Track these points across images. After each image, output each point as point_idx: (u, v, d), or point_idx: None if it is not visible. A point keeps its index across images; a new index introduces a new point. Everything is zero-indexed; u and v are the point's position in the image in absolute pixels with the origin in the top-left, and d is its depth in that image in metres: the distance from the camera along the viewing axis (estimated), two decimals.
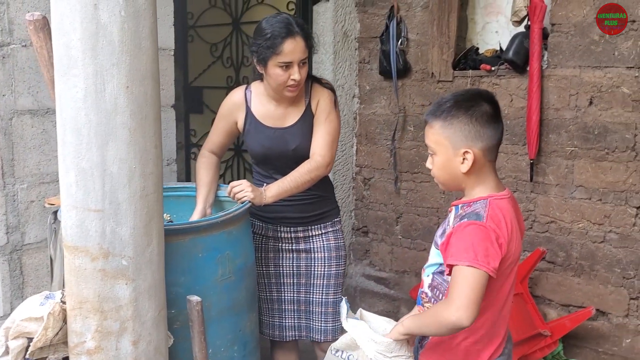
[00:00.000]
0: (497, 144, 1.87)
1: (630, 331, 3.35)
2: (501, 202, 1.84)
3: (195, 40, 4.73)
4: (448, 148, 1.84)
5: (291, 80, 2.47)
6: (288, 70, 2.46)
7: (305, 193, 2.62)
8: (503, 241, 1.76)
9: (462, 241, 1.76)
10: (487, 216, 1.78)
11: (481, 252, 1.72)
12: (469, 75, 3.75)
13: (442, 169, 1.89)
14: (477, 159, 1.82)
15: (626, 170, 3.29)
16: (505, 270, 1.83)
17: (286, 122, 2.63)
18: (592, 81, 3.34)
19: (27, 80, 2.54)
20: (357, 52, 4.28)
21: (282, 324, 2.77)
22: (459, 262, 1.73)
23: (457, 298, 1.71)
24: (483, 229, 1.75)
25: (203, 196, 2.61)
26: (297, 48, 2.44)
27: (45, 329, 1.78)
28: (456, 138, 1.83)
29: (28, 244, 2.61)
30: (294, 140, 2.60)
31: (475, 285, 1.71)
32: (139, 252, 1.73)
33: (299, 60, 2.46)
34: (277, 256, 2.73)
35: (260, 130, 2.63)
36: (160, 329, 1.84)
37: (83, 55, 1.62)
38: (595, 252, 3.43)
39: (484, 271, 1.71)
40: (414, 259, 4.16)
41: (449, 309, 1.72)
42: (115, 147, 1.66)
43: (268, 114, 2.63)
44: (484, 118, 1.83)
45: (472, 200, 1.85)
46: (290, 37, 2.42)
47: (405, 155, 4.12)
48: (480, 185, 1.86)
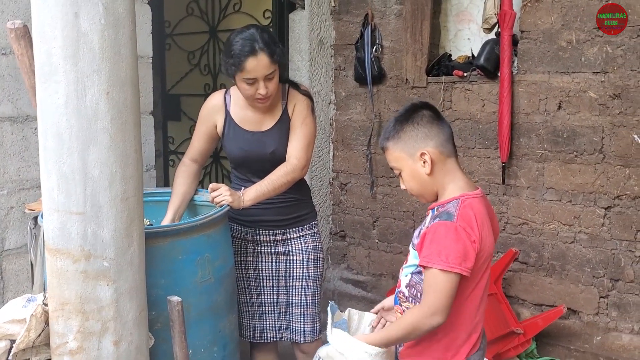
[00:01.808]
0: (447, 138, 1.96)
1: (600, 329, 3.45)
2: (473, 201, 1.91)
3: (173, 48, 4.77)
4: (407, 159, 1.95)
5: (258, 94, 2.52)
6: (254, 85, 2.50)
7: (282, 196, 2.67)
8: (475, 238, 1.83)
9: (434, 243, 1.84)
10: (457, 215, 1.85)
11: (452, 254, 1.80)
12: (442, 81, 3.84)
13: (411, 180, 1.98)
14: (434, 157, 1.91)
15: (594, 172, 3.39)
16: (480, 267, 1.89)
17: (264, 126, 2.68)
18: (561, 86, 3.44)
19: (6, 88, 2.57)
20: (332, 59, 4.35)
21: (262, 326, 2.81)
22: (431, 265, 1.82)
23: (432, 303, 1.83)
24: (454, 229, 1.82)
25: (175, 206, 2.64)
26: (259, 65, 2.46)
27: (27, 330, 1.81)
28: (409, 146, 1.94)
29: (8, 249, 2.63)
30: (272, 144, 2.65)
31: (447, 289, 1.81)
32: (120, 253, 1.77)
33: (263, 76, 2.49)
34: (256, 259, 2.78)
35: (239, 133, 2.68)
36: (141, 329, 1.88)
37: (64, 62, 1.66)
38: (566, 252, 3.52)
39: (456, 273, 1.80)
40: (391, 262, 4.23)
41: (425, 314, 1.84)
42: (96, 151, 1.70)
43: (246, 118, 2.68)
44: (425, 120, 1.94)
45: (446, 201, 1.92)
46: (252, 55, 2.45)
47: (381, 160, 4.19)
48: (450, 184, 1.94)
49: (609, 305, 3.42)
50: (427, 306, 1.84)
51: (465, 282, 1.87)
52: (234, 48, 2.47)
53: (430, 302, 1.84)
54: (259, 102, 2.57)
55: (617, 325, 3.40)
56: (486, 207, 1.97)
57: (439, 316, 1.82)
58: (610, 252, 3.38)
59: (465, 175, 1.98)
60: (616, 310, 3.40)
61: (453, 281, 1.81)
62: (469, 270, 1.81)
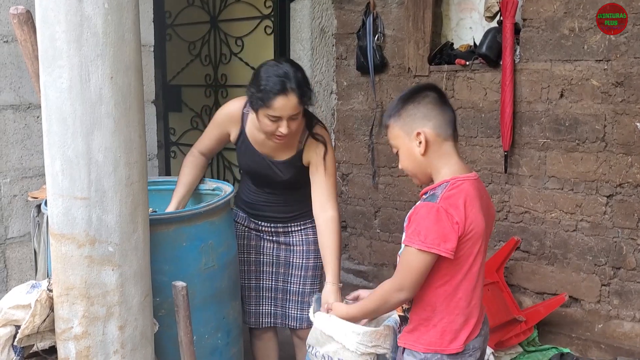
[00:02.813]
0: (448, 121, 1.94)
1: (602, 316, 3.45)
2: (464, 183, 1.90)
3: (173, 39, 4.76)
4: (404, 137, 1.95)
5: (278, 131, 2.42)
6: (277, 122, 2.40)
7: (283, 199, 2.70)
8: (458, 220, 1.83)
9: (415, 223, 1.87)
10: (441, 197, 1.85)
11: (431, 234, 1.81)
12: (445, 69, 3.84)
13: (407, 159, 1.98)
14: (430, 138, 1.91)
15: (596, 161, 3.39)
16: (470, 250, 1.89)
17: (276, 156, 2.62)
18: (563, 74, 3.44)
19: (8, 76, 2.57)
20: (334, 48, 4.34)
21: (258, 311, 2.82)
22: (410, 244, 1.85)
23: (400, 279, 1.90)
24: (435, 210, 1.83)
25: (179, 196, 2.63)
26: (287, 105, 2.35)
27: (32, 316, 1.81)
28: (407, 125, 1.93)
29: (11, 237, 2.63)
30: (283, 174, 2.63)
31: (420, 268, 1.85)
32: (124, 238, 1.77)
33: (288, 117, 2.39)
34: (258, 244, 2.78)
35: (251, 152, 2.64)
36: (146, 314, 1.88)
37: (68, 46, 1.65)
38: (567, 240, 3.53)
39: (432, 253, 1.82)
40: (392, 252, 4.23)
41: (394, 289, 1.93)
42: (101, 136, 1.70)
43: (260, 140, 2.60)
44: (427, 100, 1.93)
45: (436, 185, 1.93)
46: (282, 94, 2.33)
47: (383, 150, 4.19)
48: (444, 168, 1.93)
49: (611, 293, 3.43)
50: (396, 281, 1.92)
51: (455, 264, 1.88)
52: (265, 83, 2.36)
53: (399, 277, 1.91)
54: (277, 139, 2.47)
55: (619, 313, 3.41)
56: (479, 189, 1.96)
57: (405, 292, 1.90)
58: (612, 240, 3.38)
59: (462, 160, 1.97)
60: (618, 298, 3.40)
61: (427, 261, 1.84)
62: (449, 252, 1.82)
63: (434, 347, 1.95)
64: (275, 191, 2.71)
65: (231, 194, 2.50)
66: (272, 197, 2.71)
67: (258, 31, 4.28)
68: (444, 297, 1.92)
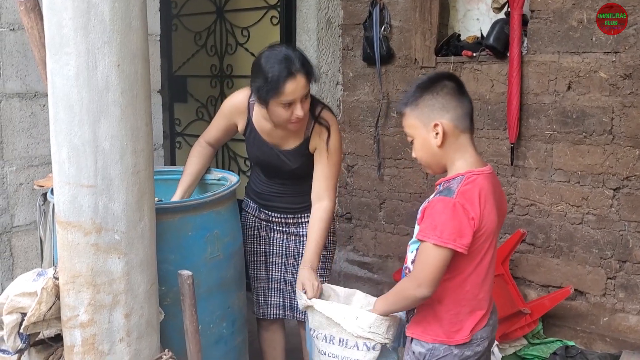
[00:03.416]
0: (466, 113, 1.93)
1: (607, 310, 3.45)
2: (478, 177, 1.90)
3: (179, 29, 4.74)
4: (420, 128, 1.94)
5: (294, 116, 2.41)
6: (290, 107, 2.39)
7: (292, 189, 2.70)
8: (474, 215, 1.83)
9: (431, 217, 1.86)
10: (457, 192, 1.85)
11: (447, 230, 1.81)
12: (451, 61, 3.82)
13: (422, 149, 1.97)
14: (447, 130, 1.89)
15: (603, 153, 3.37)
16: (482, 245, 1.89)
17: (284, 145, 2.62)
18: (571, 66, 3.42)
19: (15, 64, 2.56)
20: (340, 38, 4.32)
21: (266, 302, 2.82)
22: (426, 239, 1.84)
23: (420, 275, 1.87)
24: (451, 205, 1.83)
25: (185, 185, 2.63)
26: (298, 86, 2.35)
27: (38, 303, 1.81)
28: (424, 115, 1.92)
29: (17, 226, 2.64)
30: (291, 163, 2.62)
31: (437, 263, 1.84)
32: (131, 227, 1.77)
33: (300, 98, 2.39)
34: (268, 235, 2.78)
35: (259, 142, 2.63)
36: (151, 302, 1.88)
37: (75, 33, 1.65)
38: (573, 233, 3.52)
39: (449, 248, 1.81)
40: (397, 244, 4.23)
41: (412, 285, 1.90)
42: (107, 124, 1.70)
43: (267, 129, 2.60)
44: (445, 91, 1.92)
45: (451, 177, 1.92)
46: (291, 77, 2.33)
47: (388, 141, 4.18)
48: (459, 160, 1.92)
49: (616, 287, 3.42)
50: (414, 278, 1.90)
51: (465, 258, 1.87)
52: (271, 74, 2.34)
53: (418, 274, 1.89)
54: (294, 125, 2.47)
55: (624, 306, 3.40)
56: (493, 184, 1.96)
57: (424, 288, 1.86)
58: (619, 233, 3.37)
59: (477, 153, 1.97)
60: (623, 292, 3.39)
61: (444, 256, 1.83)
62: (464, 247, 1.82)
63: (441, 337, 1.96)
64: (285, 182, 2.70)
65: (236, 184, 2.50)
66: (282, 187, 2.71)
67: (264, 22, 4.26)
68: (451, 290, 1.92)
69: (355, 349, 2.13)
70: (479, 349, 1.98)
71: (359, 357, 2.13)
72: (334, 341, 2.19)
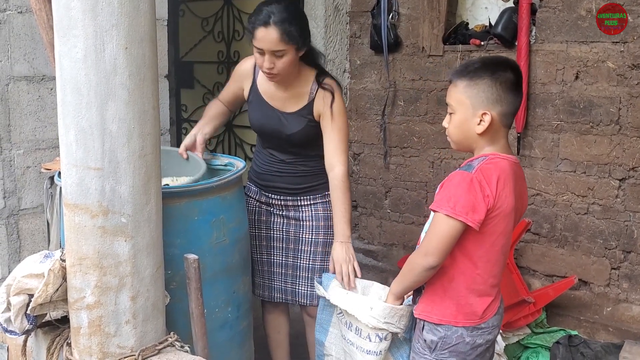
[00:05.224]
0: (514, 111, 1.93)
1: (610, 300, 3.45)
2: (502, 160, 1.90)
3: (186, 15, 4.74)
4: (468, 108, 1.90)
5: (264, 66, 2.48)
6: (262, 56, 2.47)
7: (293, 168, 2.73)
8: (490, 194, 1.83)
9: (447, 189, 1.87)
10: (477, 168, 1.85)
11: (461, 203, 1.81)
12: (459, 50, 3.81)
13: (459, 127, 1.95)
14: (493, 122, 1.88)
15: (610, 144, 3.36)
16: (496, 226, 1.88)
17: (287, 107, 2.66)
18: (579, 56, 3.40)
19: (23, 47, 2.57)
20: (348, 26, 4.31)
21: (271, 286, 2.85)
22: (439, 210, 1.85)
23: (429, 244, 1.89)
24: (468, 179, 1.83)
25: (201, 124, 2.73)
26: (266, 38, 2.42)
27: (45, 285, 1.82)
28: (478, 99, 1.89)
29: (24, 208, 2.65)
30: (291, 128, 2.64)
31: (447, 234, 1.84)
32: (137, 210, 1.78)
33: (269, 50, 2.44)
34: (269, 220, 2.80)
35: (261, 105, 2.68)
36: (157, 285, 1.89)
37: (83, 16, 1.65)
38: (578, 223, 3.52)
39: (460, 221, 1.81)
40: (402, 232, 4.24)
41: (419, 254, 1.92)
42: (115, 106, 1.70)
43: (270, 91, 2.66)
44: (506, 84, 1.89)
45: (475, 158, 1.92)
46: (262, 26, 2.41)
47: (394, 130, 4.17)
48: (489, 147, 1.93)
49: (620, 277, 3.42)
50: (422, 246, 1.92)
51: (478, 237, 1.87)
52: (254, 14, 2.46)
53: (426, 243, 1.90)
54: (267, 76, 2.54)
55: (628, 296, 3.41)
56: (516, 172, 1.95)
57: (430, 257, 1.87)
58: (624, 223, 3.37)
59: (507, 144, 1.97)
60: (627, 282, 3.40)
61: (455, 228, 1.83)
62: (476, 223, 1.82)
63: (449, 318, 1.96)
64: (285, 157, 2.72)
65: (243, 169, 2.50)
66: (283, 165, 2.74)
67: None
68: (463, 269, 1.92)
69: (367, 340, 2.16)
70: (490, 337, 1.99)
71: (371, 348, 2.16)
72: (352, 328, 2.23)
